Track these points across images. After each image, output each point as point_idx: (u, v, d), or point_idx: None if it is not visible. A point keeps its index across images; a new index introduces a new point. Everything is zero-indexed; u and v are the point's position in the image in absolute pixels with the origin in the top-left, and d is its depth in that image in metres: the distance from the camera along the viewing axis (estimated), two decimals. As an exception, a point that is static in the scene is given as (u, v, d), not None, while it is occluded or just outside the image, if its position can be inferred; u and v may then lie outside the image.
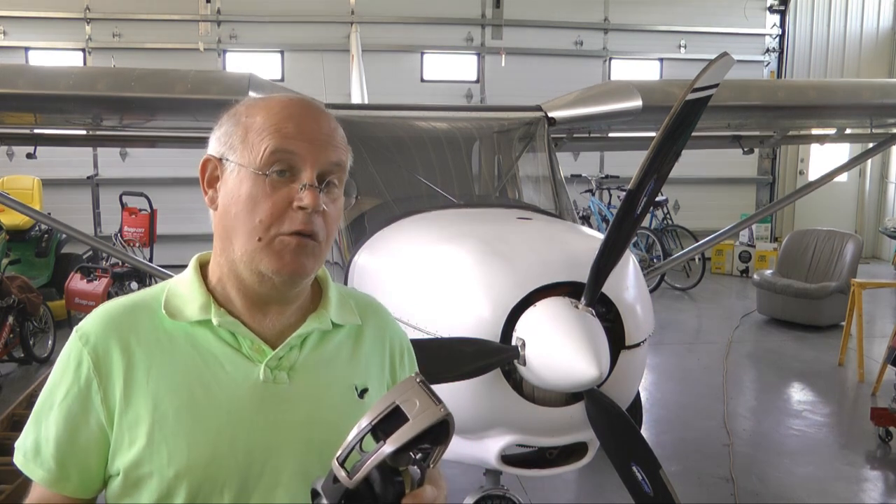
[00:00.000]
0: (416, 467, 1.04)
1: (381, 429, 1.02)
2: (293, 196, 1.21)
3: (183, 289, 1.30)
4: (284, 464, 1.24)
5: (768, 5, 12.27)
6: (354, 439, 1.03)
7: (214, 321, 1.25)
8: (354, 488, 1.01)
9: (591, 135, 5.32)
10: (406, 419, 1.00)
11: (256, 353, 1.26)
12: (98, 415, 1.21)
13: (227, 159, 1.25)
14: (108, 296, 6.95)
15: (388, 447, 1.00)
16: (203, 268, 1.33)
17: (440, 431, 1.02)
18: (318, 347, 1.32)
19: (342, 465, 1.02)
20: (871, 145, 5.90)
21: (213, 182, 1.28)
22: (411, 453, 1.02)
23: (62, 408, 1.22)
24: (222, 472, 1.21)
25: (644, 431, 5.00)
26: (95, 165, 10.61)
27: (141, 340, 1.24)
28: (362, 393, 1.32)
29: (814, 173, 11.76)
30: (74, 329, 1.27)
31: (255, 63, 10.76)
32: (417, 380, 1.04)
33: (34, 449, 1.25)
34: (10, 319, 6.04)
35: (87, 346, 1.23)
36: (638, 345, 2.59)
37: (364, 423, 1.03)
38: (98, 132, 5.55)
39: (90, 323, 1.26)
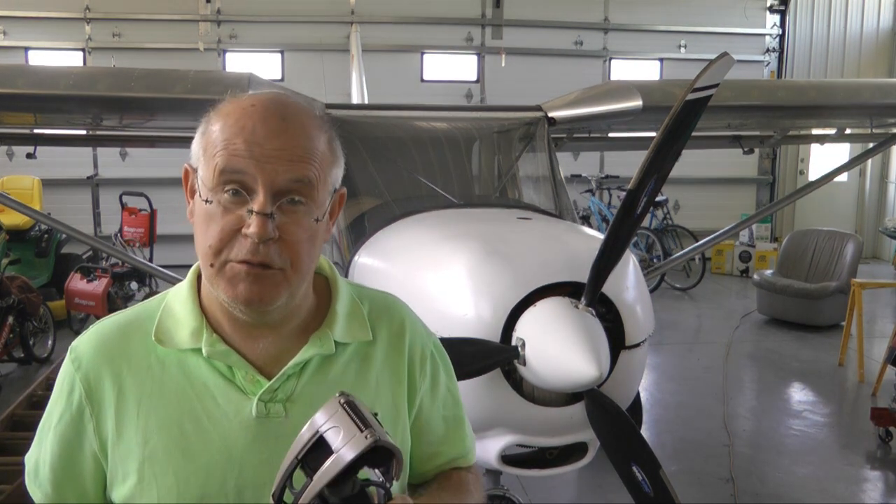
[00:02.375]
0: (378, 485, 0.94)
1: (309, 463, 0.91)
2: (244, 220, 1.09)
3: (178, 306, 1.22)
4: None
5: (768, 5, 12.26)
6: (283, 477, 0.93)
7: (205, 351, 1.17)
8: None
9: (591, 135, 5.32)
10: (331, 452, 0.90)
11: (250, 384, 1.18)
12: (91, 444, 1.18)
13: (195, 170, 1.16)
14: (108, 296, 6.96)
15: (317, 485, 0.90)
16: (200, 279, 1.23)
17: (380, 453, 0.91)
18: (320, 373, 1.21)
19: (279, 501, 0.93)
20: (871, 145, 5.89)
21: (193, 192, 1.17)
22: (355, 480, 0.92)
23: (57, 432, 1.20)
24: None
25: (644, 431, 5.00)
26: (95, 165, 10.61)
27: (132, 368, 1.19)
28: None
29: (814, 173, 11.76)
30: (70, 348, 1.23)
31: (255, 63, 10.75)
32: (341, 401, 0.92)
33: (34, 469, 1.24)
34: (10, 319, 6.05)
35: (79, 371, 1.19)
36: (638, 345, 2.59)
37: (290, 456, 0.92)
38: (98, 132, 5.55)
39: (83, 345, 1.22)
